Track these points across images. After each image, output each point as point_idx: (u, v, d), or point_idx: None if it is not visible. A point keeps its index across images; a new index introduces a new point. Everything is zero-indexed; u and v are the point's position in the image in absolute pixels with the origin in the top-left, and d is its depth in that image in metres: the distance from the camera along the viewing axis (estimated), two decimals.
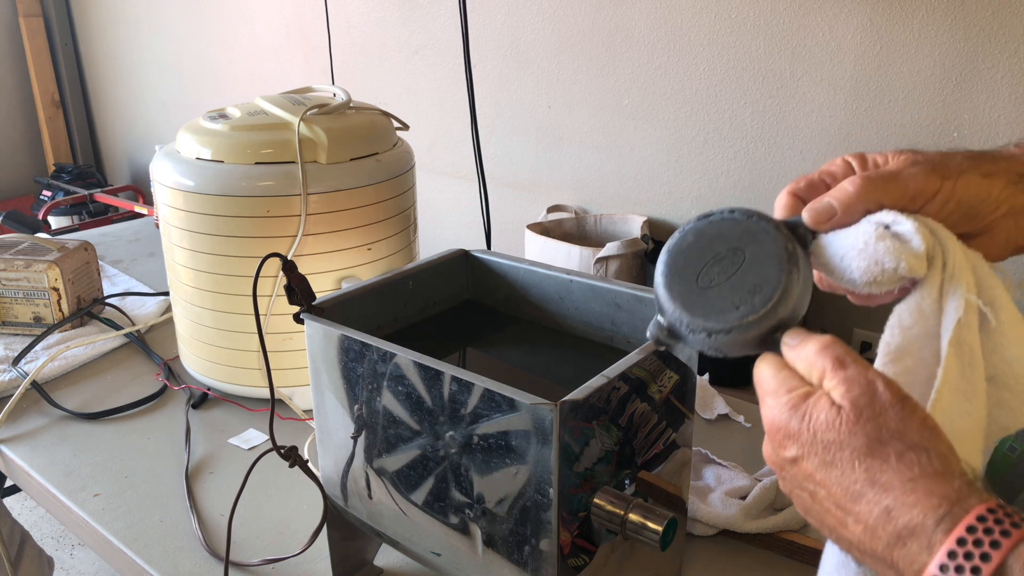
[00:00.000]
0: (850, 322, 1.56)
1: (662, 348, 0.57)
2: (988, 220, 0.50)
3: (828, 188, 0.51)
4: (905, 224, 0.47)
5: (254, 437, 0.98)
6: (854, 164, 0.52)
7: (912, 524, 0.38)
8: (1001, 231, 0.51)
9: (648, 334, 0.50)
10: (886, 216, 0.48)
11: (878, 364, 0.47)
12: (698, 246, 0.50)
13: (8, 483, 1.32)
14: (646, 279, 1.58)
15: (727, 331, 0.47)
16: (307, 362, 0.68)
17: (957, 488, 0.38)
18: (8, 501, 1.64)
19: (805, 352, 0.45)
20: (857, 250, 0.47)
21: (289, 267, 0.65)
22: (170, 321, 1.21)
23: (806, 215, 0.49)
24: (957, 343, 0.46)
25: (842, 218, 0.48)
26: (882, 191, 0.48)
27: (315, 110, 0.99)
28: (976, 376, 0.46)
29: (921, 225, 0.47)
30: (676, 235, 0.51)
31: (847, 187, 0.49)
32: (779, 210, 0.52)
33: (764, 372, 0.47)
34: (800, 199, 0.51)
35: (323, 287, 0.96)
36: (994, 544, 0.36)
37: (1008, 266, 0.51)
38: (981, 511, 0.37)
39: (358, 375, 0.63)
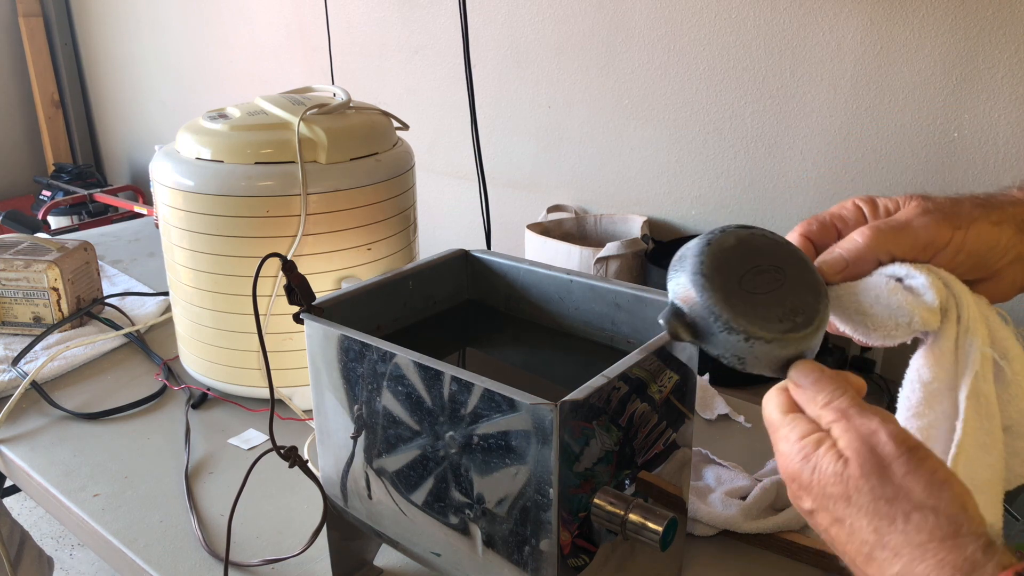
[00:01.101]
0: None
1: (677, 341, 0.52)
2: (996, 267, 0.50)
3: (839, 231, 0.51)
4: (918, 278, 0.47)
5: (254, 437, 0.98)
6: (865, 209, 0.52)
7: None
8: (1007, 276, 0.51)
9: (662, 321, 0.48)
10: (899, 269, 0.48)
11: (900, 420, 0.46)
12: (740, 251, 0.48)
13: (8, 483, 1.32)
14: (646, 279, 1.58)
15: (768, 340, 0.45)
16: (307, 362, 0.68)
17: (970, 554, 0.36)
18: (8, 501, 1.64)
19: (814, 400, 0.44)
20: (869, 304, 0.48)
21: (289, 267, 0.65)
22: (170, 321, 1.21)
23: (818, 266, 0.49)
24: (975, 396, 0.46)
25: (853, 270, 0.48)
26: (893, 242, 0.48)
27: (315, 110, 0.99)
28: (994, 427, 0.47)
29: (935, 278, 0.47)
30: (716, 233, 0.49)
31: (857, 239, 0.48)
32: None
33: (775, 415, 0.46)
34: (811, 242, 0.51)
35: (323, 287, 0.96)
36: None
37: (1009, 306, 0.52)
38: None
39: (358, 375, 0.63)
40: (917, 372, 0.48)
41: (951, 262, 0.49)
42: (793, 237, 0.51)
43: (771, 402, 0.47)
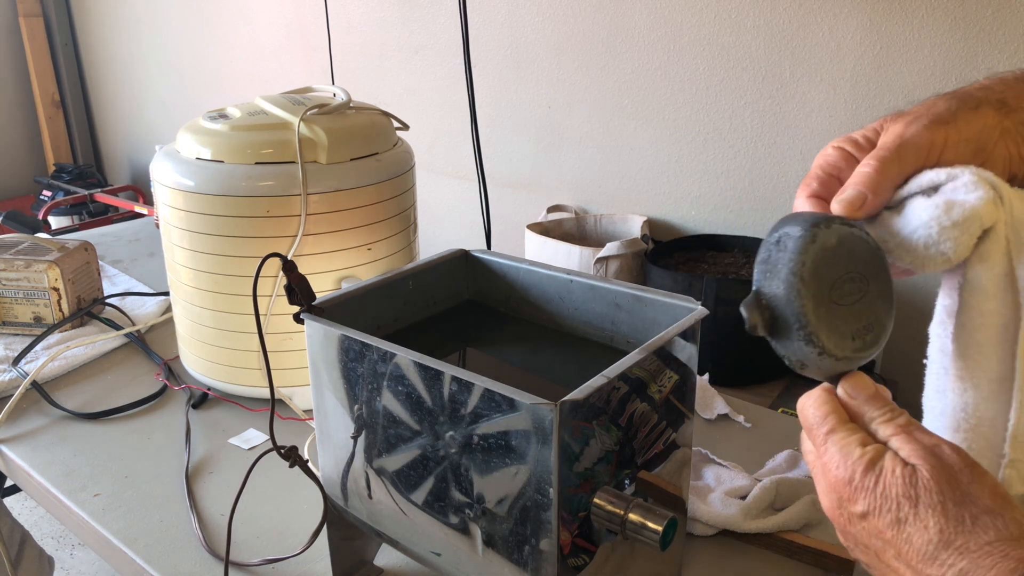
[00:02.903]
0: None
1: (751, 332, 0.48)
2: (991, 148, 0.50)
3: (840, 181, 0.51)
4: (962, 177, 0.46)
5: (254, 437, 0.98)
6: (849, 149, 0.52)
7: None
8: (999, 157, 0.51)
9: (743, 310, 0.46)
10: (929, 177, 0.47)
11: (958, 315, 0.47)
12: (838, 254, 0.46)
13: (8, 483, 1.32)
14: (646, 279, 1.58)
15: (838, 358, 0.45)
16: (307, 362, 0.68)
17: None
18: (8, 501, 1.64)
19: (870, 415, 0.45)
20: (910, 231, 0.47)
21: (289, 267, 0.65)
22: (170, 321, 1.21)
23: (837, 207, 0.48)
24: None
25: (874, 200, 0.48)
26: (898, 162, 0.48)
27: (315, 110, 0.99)
28: None
29: (973, 175, 0.47)
30: (820, 227, 0.46)
31: (866, 170, 0.48)
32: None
33: (828, 420, 0.46)
34: (823, 200, 0.50)
35: (323, 287, 0.96)
36: None
37: None
38: None
39: (358, 375, 0.63)
40: (975, 283, 0.47)
41: (956, 157, 0.49)
42: (802, 204, 0.51)
43: (820, 407, 0.46)
